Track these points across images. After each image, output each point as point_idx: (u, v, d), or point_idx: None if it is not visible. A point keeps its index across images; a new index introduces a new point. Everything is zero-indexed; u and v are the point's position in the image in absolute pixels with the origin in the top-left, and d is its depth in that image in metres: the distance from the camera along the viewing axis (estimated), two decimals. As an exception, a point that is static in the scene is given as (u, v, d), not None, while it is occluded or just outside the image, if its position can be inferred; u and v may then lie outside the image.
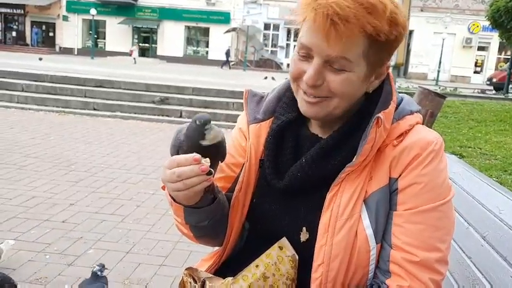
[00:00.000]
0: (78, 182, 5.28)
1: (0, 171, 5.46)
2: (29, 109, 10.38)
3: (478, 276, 1.23)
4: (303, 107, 1.02)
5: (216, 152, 1.00)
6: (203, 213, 1.04)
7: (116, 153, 6.95)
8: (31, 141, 6.91)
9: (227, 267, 1.14)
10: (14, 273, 3.06)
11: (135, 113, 10.44)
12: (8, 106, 10.46)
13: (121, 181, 5.48)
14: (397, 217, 0.97)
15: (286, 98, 1.14)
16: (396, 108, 1.02)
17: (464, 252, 1.36)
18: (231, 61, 30.81)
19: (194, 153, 0.92)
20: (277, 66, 30.95)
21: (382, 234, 0.98)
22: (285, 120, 1.11)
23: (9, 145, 6.67)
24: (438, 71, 27.49)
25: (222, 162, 1.06)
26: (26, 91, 11.15)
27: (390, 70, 1.06)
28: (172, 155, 1.01)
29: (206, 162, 0.92)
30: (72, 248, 3.54)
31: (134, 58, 28.32)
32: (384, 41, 0.92)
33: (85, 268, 3.24)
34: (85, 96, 11.05)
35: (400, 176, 0.97)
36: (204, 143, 0.96)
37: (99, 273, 2.65)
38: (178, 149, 1.00)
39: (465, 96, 15.74)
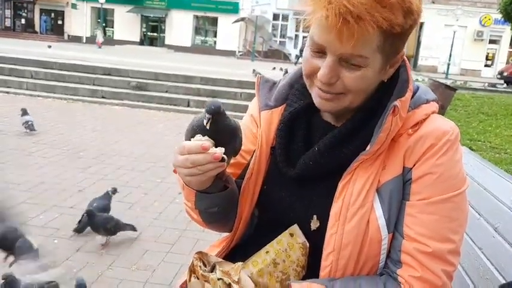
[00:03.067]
0: (86, 169, 5.31)
1: (10, 156, 5.50)
2: (38, 96, 10.44)
3: (489, 267, 1.23)
4: (318, 103, 1.00)
5: (228, 140, 0.99)
6: (214, 199, 1.04)
7: (123, 141, 6.98)
8: (40, 128, 6.95)
9: (236, 254, 1.14)
10: (23, 258, 3.10)
11: (142, 102, 10.46)
12: (17, 93, 10.53)
13: (129, 169, 5.50)
14: (410, 207, 0.96)
15: (298, 85, 1.12)
16: (412, 96, 1.00)
17: (475, 244, 1.35)
18: (240, 52, 30.71)
19: (202, 142, 0.91)
20: (286, 57, 30.80)
21: (395, 224, 0.97)
22: (297, 108, 1.09)
23: (18, 131, 6.72)
24: (448, 64, 27.19)
25: (238, 150, 1.05)
26: (34, 78, 11.21)
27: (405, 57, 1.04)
28: (186, 137, 1.00)
29: (220, 150, 0.92)
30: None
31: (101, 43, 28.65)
32: (399, 32, 0.89)
33: (93, 253, 3.27)
34: (93, 84, 11.09)
35: (414, 165, 0.96)
36: (208, 127, 0.95)
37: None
38: (193, 132, 0.99)
39: (475, 89, 15.59)
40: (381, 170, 0.97)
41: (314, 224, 1.02)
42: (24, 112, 6.81)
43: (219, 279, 0.96)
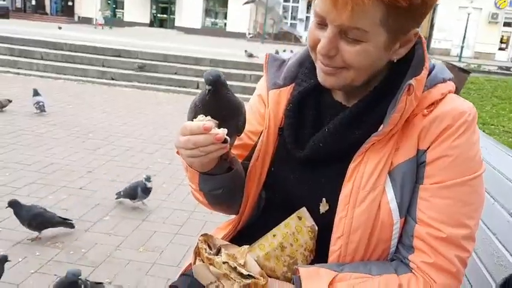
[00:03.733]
0: (95, 150, 5.32)
1: (20, 137, 5.52)
2: (48, 77, 10.44)
3: (504, 253, 1.19)
4: (320, 77, 0.97)
5: (231, 115, 0.95)
6: (218, 181, 1.01)
7: (133, 122, 6.98)
8: (50, 109, 6.96)
9: (242, 237, 1.12)
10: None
11: (152, 84, 10.43)
12: (28, 74, 10.55)
13: (138, 150, 5.51)
14: (423, 191, 0.92)
15: (308, 63, 1.08)
16: (428, 75, 0.95)
17: (489, 229, 1.31)
18: (250, 34, 30.40)
19: (204, 122, 0.88)
20: (296, 40, 30.47)
21: (407, 208, 0.93)
22: (307, 87, 1.06)
23: (29, 112, 6.75)
24: (462, 47, 26.67)
25: (241, 128, 1.01)
26: (45, 59, 11.21)
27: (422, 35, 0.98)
28: (188, 116, 0.97)
29: (222, 131, 0.88)
30: (88, 215, 3.58)
31: (101, 24, 28.58)
32: (407, 7, 0.83)
33: (101, 234, 3.28)
34: (103, 66, 11.07)
35: (429, 147, 0.91)
36: (208, 97, 0.92)
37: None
38: (195, 108, 0.96)
39: (489, 72, 15.32)
40: (393, 151, 0.93)
41: (323, 207, 1.00)
42: (36, 92, 6.82)
43: (224, 262, 0.93)
